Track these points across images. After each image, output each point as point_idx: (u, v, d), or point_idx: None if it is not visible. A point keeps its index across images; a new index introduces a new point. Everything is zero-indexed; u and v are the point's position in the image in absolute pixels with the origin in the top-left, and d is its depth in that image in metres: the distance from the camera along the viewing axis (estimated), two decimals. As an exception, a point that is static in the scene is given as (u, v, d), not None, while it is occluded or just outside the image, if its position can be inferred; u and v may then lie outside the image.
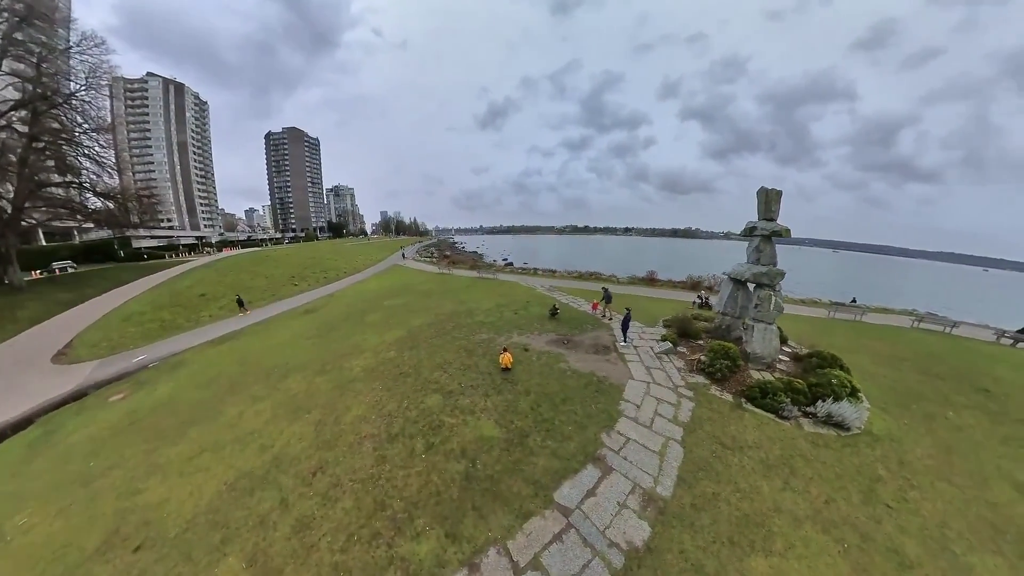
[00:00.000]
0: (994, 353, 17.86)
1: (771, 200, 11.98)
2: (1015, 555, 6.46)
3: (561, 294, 22.53)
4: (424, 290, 24.65)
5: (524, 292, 23.05)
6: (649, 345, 13.91)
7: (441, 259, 49.12)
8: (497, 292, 23.01)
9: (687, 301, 21.75)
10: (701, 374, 11.88)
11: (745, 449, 8.38)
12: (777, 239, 12.06)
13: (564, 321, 16.40)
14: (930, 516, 7.12)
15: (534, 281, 27.51)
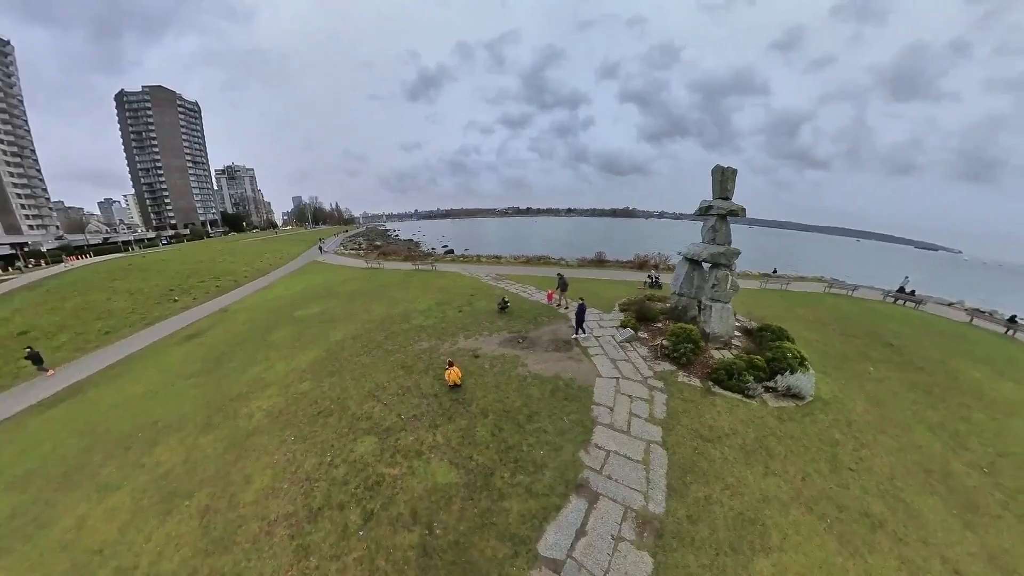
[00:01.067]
0: (886, 311, 21.13)
1: (727, 179, 11.73)
2: (945, 492, 7.61)
3: (509, 283, 21.13)
4: (348, 291, 21.13)
5: (468, 284, 21.15)
6: (610, 334, 13.25)
7: (370, 251, 44.23)
8: (437, 286, 20.76)
9: (637, 281, 21.93)
10: (666, 360, 11.58)
11: (723, 438, 8.27)
12: (733, 219, 11.97)
13: (516, 315, 15.05)
14: (881, 471, 7.96)
15: (478, 270, 25.73)
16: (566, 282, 16.12)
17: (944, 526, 6.77)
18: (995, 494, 7.96)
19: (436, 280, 22.44)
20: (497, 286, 20.27)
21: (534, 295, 18.33)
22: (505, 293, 18.23)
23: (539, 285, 20.21)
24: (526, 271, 25.01)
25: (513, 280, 21.89)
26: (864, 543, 6.22)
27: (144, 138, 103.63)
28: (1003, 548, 6.54)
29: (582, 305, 12.93)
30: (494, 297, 17.32)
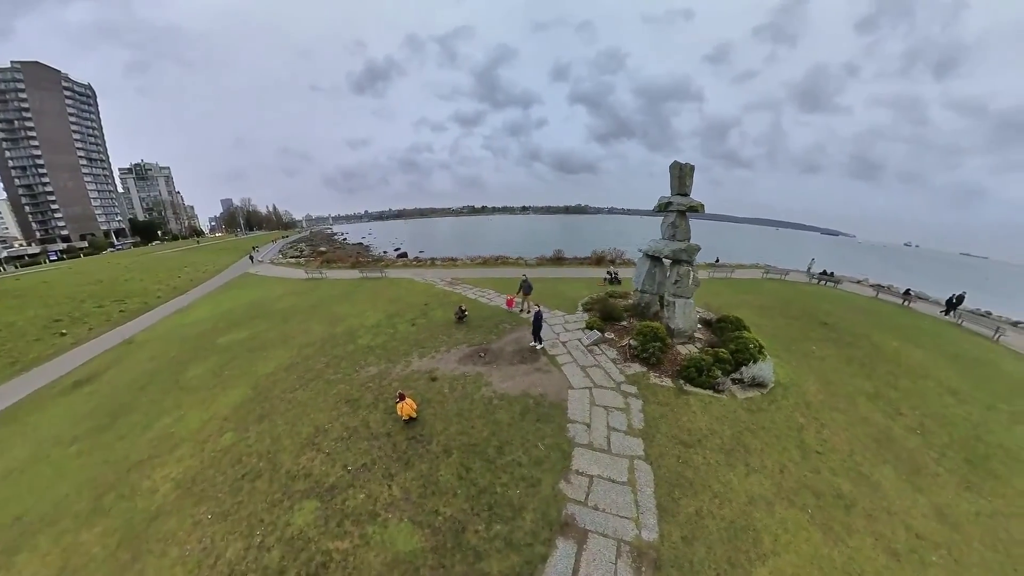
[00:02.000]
0: (813, 292, 23.10)
1: (685, 175, 11.49)
2: (893, 459, 8.32)
3: (467, 288, 19.76)
4: (283, 309, 18.15)
5: (422, 291, 19.37)
6: (577, 337, 12.62)
7: (312, 258, 40.02)
8: (387, 296, 18.73)
9: (597, 277, 21.74)
10: (635, 360, 11.19)
11: (703, 441, 8.08)
12: (692, 214, 11.81)
13: (476, 325, 13.82)
14: (842, 448, 8.39)
15: (433, 274, 24.00)
16: (530, 285, 15.06)
17: (900, 493, 7.32)
18: (930, 453, 8.91)
19: (387, 289, 20.33)
20: (454, 292, 18.82)
21: (494, 300, 17.22)
22: (463, 300, 16.95)
23: (498, 288, 19.17)
24: (484, 273, 23.73)
25: (470, 284, 20.55)
26: (843, 527, 6.40)
27: (17, 128, 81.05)
28: (946, 503, 7.26)
29: (538, 313, 11.90)
30: (451, 305, 15.98)
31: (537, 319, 11.71)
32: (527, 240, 78.36)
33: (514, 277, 21.64)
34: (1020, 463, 8.85)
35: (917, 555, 6.10)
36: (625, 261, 26.19)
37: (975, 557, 6.23)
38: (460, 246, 61.21)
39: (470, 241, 75.59)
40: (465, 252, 36.84)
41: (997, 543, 6.52)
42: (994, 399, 12.38)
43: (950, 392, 12.45)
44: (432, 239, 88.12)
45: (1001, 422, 11.00)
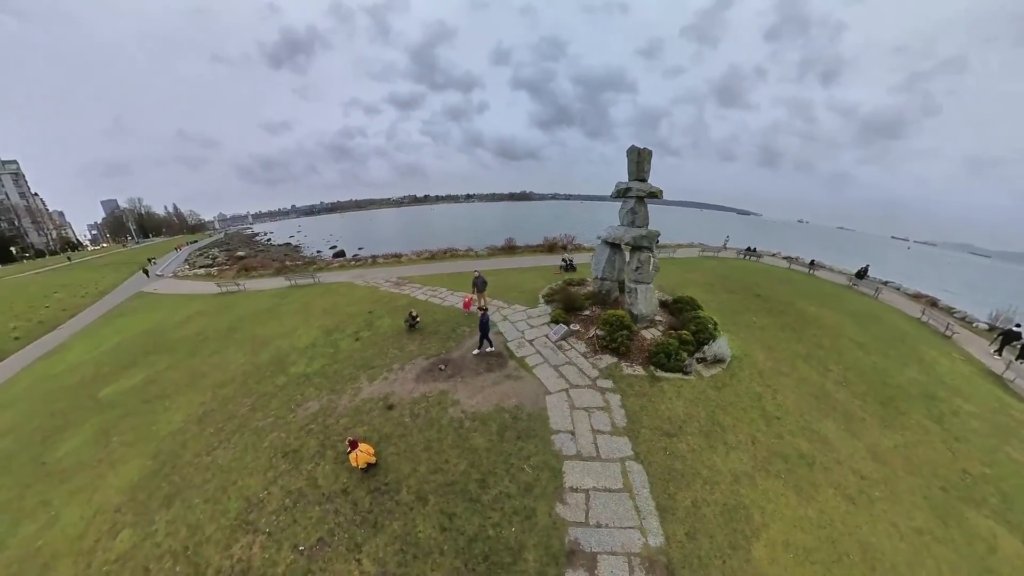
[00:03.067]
0: (743, 266, 25.12)
1: (643, 160, 10.96)
2: (832, 411, 9.36)
3: (416, 288, 17.87)
4: (190, 336, 14.60)
5: (364, 297, 17.01)
6: (543, 333, 11.91)
7: (228, 267, 34.19)
8: (323, 307, 16.09)
9: (552, 265, 21.18)
10: (605, 351, 10.83)
11: (684, 427, 8.13)
12: (651, 199, 11.42)
13: (430, 332, 12.26)
14: (794, 410, 9.11)
15: (376, 275, 21.53)
16: (484, 281, 13.82)
17: (842, 442, 8.24)
18: (855, 401, 10.09)
19: (322, 298, 17.62)
20: (401, 294, 16.87)
21: (447, 299, 15.75)
22: (412, 303, 15.26)
23: (451, 285, 17.69)
24: (432, 269, 21.79)
25: (419, 283, 18.69)
26: (810, 485, 6.97)
27: None
28: (875, 443, 8.41)
29: (485, 315, 10.64)
30: (399, 311, 14.26)
31: (484, 322, 10.50)
32: (475, 229, 75.71)
33: (467, 272, 20.24)
34: (913, 399, 10.73)
35: (865, 495, 6.94)
36: (577, 247, 26.08)
37: (903, 485, 7.33)
38: (404, 240, 56.88)
39: (415, 234, 70.39)
40: (410, 247, 34.10)
41: (913, 468, 7.85)
42: (886, 347, 14.41)
43: (858, 346, 14.17)
44: (372, 234, 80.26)
45: (895, 366, 12.92)
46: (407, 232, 79.42)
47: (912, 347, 15.14)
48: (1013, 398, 12.69)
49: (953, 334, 17.13)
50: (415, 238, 59.01)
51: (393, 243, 53.28)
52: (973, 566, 5.91)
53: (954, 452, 8.68)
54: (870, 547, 5.93)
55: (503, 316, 13.30)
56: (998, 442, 9.69)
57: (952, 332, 17.21)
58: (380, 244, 53.55)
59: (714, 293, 17.26)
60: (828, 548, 5.81)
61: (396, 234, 76.41)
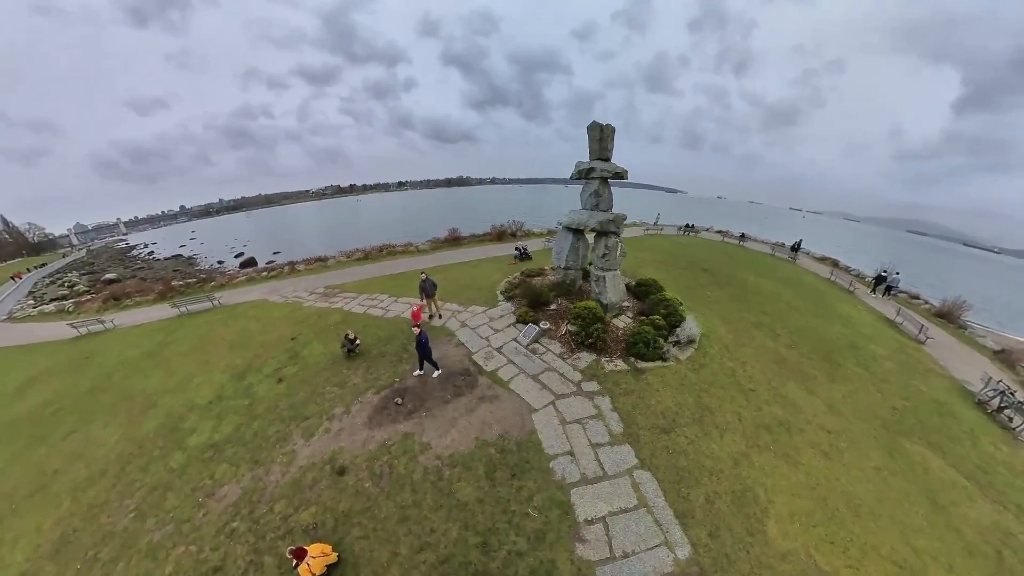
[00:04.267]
0: (686, 242, 26.30)
1: (606, 137, 9.70)
2: (791, 374, 10.02)
3: (350, 298, 14.76)
4: (33, 413, 9.82)
5: (284, 318, 13.47)
6: (511, 338, 10.36)
7: (91, 297, 26.05)
8: (228, 339, 12.29)
9: (505, 256, 19.54)
10: (582, 348, 9.78)
11: (677, 419, 7.82)
12: (615, 180, 10.27)
13: (375, 355, 9.81)
14: (762, 379, 9.51)
15: (297, 286, 17.70)
16: (433, 283, 11.57)
17: (807, 402, 8.91)
18: (804, 361, 10.94)
19: (226, 326, 13.51)
20: (332, 308, 13.76)
21: (391, 309, 13.19)
22: (348, 319, 12.52)
23: (393, 290, 15.08)
24: (368, 272, 18.60)
25: (353, 291, 15.66)
26: (793, 450, 7.36)
27: None
28: (828, 397, 9.30)
29: (423, 335, 8.32)
30: (332, 332, 11.53)
31: (421, 343, 8.28)
32: (412, 220, 69.92)
33: (410, 272, 17.71)
34: (844, 351, 12.06)
35: (835, 447, 7.64)
36: (527, 233, 24.78)
37: (857, 430, 8.28)
38: (330, 239, 49.87)
39: (342, 231, 61.68)
40: (338, 247, 29.62)
41: (860, 414, 8.93)
42: (814, 307, 15.97)
43: (793, 309, 15.37)
44: (290, 234, 68.29)
45: (824, 324, 14.36)
46: (333, 229, 68.94)
47: (830, 305, 16.89)
48: (905, 338, 14.87)
49: (855, 289, 19.71)
50: (343, 236, 52.24)
51: (317, 243, 46.71)
52: (918, 487, 7.04)
53: (882, 392, 10.21)
54: (850, 496, 6.55)
55: (461, 322, 11.43)
56: (907, 378, 11.42)
57: (853, 288, 19.82)
58: (300, 246, 46.41)
59: (668, 271, 17.36)
60: (822, 508, 6.23)
61: (319, 232, 65.80)
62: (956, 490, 7.17)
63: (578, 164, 10.48)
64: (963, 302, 17.92)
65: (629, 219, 35.25)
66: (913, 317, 16.04)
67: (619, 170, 9.89)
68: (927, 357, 13.55)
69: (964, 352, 14.67)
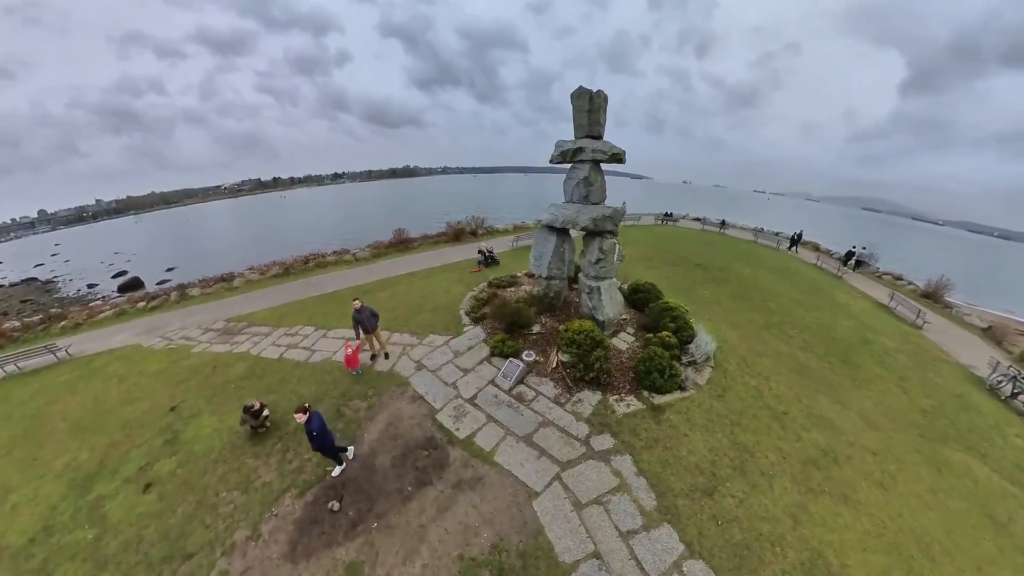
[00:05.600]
0: (667, 232, 26.05)
1: (596, 108, 8.08)
2: (816, 384, 9.96)
3: (259, 335, 11.71)
4: None
5: (161, 376, 10.16)
6: (487, 380, 8.52)
7: None
8: (73, 417, 8.83)
9: (467, 261, 17.51)
10: (581, 384, 8.33)
11: (716, 472, 6.79)
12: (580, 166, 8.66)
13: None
14: (792, 398, 9.19)
15: (188, 320, 13.95)
16: (372, 312, 8.80)
17: (843, 419, 8.72)
18: (824, 366, 10.92)
19: (70, 395, 9.87)
20: (234, 353, 10.69)
21: (317, 348, 10.49)
22: (254, 371, 9.90)
23: (321, 320, 12.44)
24: (288, 293, 15.48)
25: (266, 324, 12.58)
26: (847, 486, 6.94)
27: None
28: (859, 407, 9.21)
29: (314, 421, 5.68)
30: (232, 395, 8.88)
31: (315, 433, 5.63)
32: (350, 220, 63.75)
33: (344, 290, 15.14)
34: (858, 348, 12.18)
35: (886, 473, 7.34)
36: (490, 230, 22.82)
37: (898, 445, 8.18)
38: (243, 248, 43.98)
39: (260, 237, 54.84)
40: (252, 259, 25.68)
41: (894, 423, 8.90)
42: (813, 299, 16.07)
43: (795, 303, 15.26)
44: (193, 243, 59.16)
45: (829, 318, 14.45)
46: (249, 235, 61.06)
47: (827, 294, 17.06)
48: (904, 324, 15.30)
49: (843, 274, 20.37)
50: (261, 243, 46.41)
51: (226, 254, 41.05)
52: (974, 506, 6.90)
53: (907, 393, 10.24)
54: (918, 534, 6.25)
55: (416, 362, 9.38)
56: (922, 371, 11.65)
57: (842, 273, 20.49)
58: (205, 258, 40.45)
59: (658, 268, 16.51)
60: (898, 559, 5.84)
61: (231, 240, 57.92)
62: (1008, 500, 7.13)
63: (560, 144, 8.85)
64: (947, 281, 18.91)
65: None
66: (908, 302, 16.61)
67: (616, 151, 8.36)
68: (930, 344, 13.96)
69: (959, 335, 15.36)
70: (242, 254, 37.82)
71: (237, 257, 33.67)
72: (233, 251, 43.85)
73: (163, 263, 43.30)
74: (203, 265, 33.08)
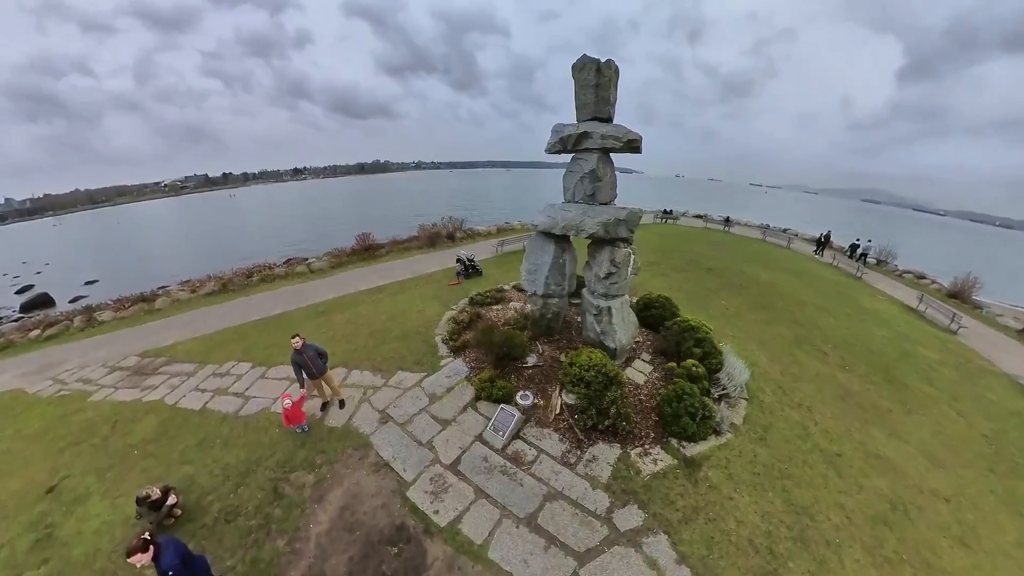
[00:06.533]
0: (669, 231, 25.53)
1: (606, 81, 6.92)
2: (863, 412, 9.28)
3: (179, 379, 9.89)
4: None
5: (42, 438, 8.18)
6: (473, 436, 7.22)
7: None
8: None
9: (442, 272, 16.11)
10: (592, 434, 7.22)
11: (774, 549, 5.76)
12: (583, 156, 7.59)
13: (214, 524, 5.83)
14: (843, 433, 8.48)
15: (90, 354, 11.76)
16: (318, 352, 7.32)
17: (903, 456, 8.08)
18: (869, 387, 10.32)
19: None
20: (143, 404, 8.83)
21: (251, 394, 8.79)
22: (167, 428, 8.17)
23: (261, 354, 10.54)
24: (219, 319, 13.50)
25: (190, 359, 10.74)
26: (927, 549, 6.20)
27: None
28: (919, 440, 8.63)
29: (168, 549, 3.88)
30: (134, 465, 7.28)
31: (179, 570, 3.88)
32: (310, 221, 60.46)
33: (292, 312, 13.53)
34: (900, 362, 11.79)
35: (965, 526, 6.65)
36: (470, 233, 21.44)
37: (969, 486, 7.58)
38: (177, 259, 40.58)
39: (202, 243, 51.40)
40: (186, 271, 23.37)
41: (959, 457, 8.35)
42: (840, 306, 15.59)
43: (822, 310, 14.71)
44: (121, 252, 54.71)
45: (861, 328, 14.03)
46: (188, 241, 56.64)
47: (852, 299, 16.62)
48: (939, 330, 14.97)
49: (862, 275, 20.02)
50: (201, 251, 43.33)
51: (158, 265, 37.96)
52: None
53: (964, 416, 9.78)
54: None
55: (380, 411, 8.00)
56: (971, 386, 11.28)
57: (861, 273, 20.14)
58: (134, 269, 37.31)
59: (666, 275, 15.63)
60: None
61: (166, 247, 53.46)
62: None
63: (558, 129, 7.68)
64: (974, 279, 18.79)
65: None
66: (939, 304, 16.31)
67: (632, 136, 7.18)
68: (971, 353, 13.67)
69: (995, 338, 15.17)
70: (178, 263, 34.96)
71: (173, 267, 30.93)
72: (169, 260, 40.65)
73: (83, 275, 39.64)
74: (136, 277, 30.12)
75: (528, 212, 41.70)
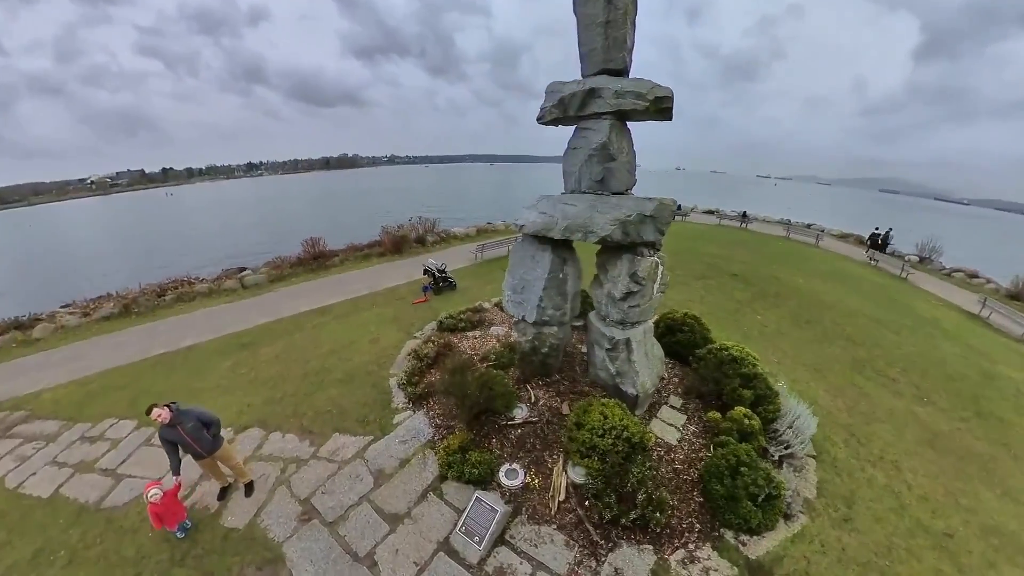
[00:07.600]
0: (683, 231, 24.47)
1: (620, 16, 5.24)
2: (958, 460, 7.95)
3: (32, 447, 7.87)
4: None
5: None
6: (438, 539, 5.42)
7: None
8: None
9: (406, 287, 14.25)
10: (612, 532, 5.50)
11: None
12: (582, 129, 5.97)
13: None
14: (943, 498, 7.07)
15: None
16: (206, 419, 5.49)
17: (994, 507, 6.85)
18: (959, 426, 8.94)
19: None
20: None
21: (126, 474, 6.32)
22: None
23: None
24: (110, 353, 11.33)
25: (54, 413, 8.54)
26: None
27: None
28: (1008, 484, 7.38)
29: None
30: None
31: None
32: (256, 225, 57.98)
33: (204, 344, 11.49)
34: (983, 387, 10.51)
35: None
36: (443, 236, 19.58)
37: None
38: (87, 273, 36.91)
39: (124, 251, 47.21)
40: (102, 285, 20.64)
41: None
42: (893, 316, 14.48)
43: (877, 322, 13.51)
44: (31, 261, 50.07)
45: (926, 344, 12.96)
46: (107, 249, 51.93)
47: (905, 305, 15.52)
48: (1013, 340, 13.82)
49: (907, 275, 18.97)
50: (121, 260, 40.03)
51: (65, 280, 34.59)
52: None
53: None
54: None
55: (303, 501, 6.16)
56: None
57: (906, 273, 19.08)
58: (35, 286, 34.03)
59: (686, 284, 14.19)
60: None
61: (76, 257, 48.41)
62: None
63: (555, 88, 6.04)
64: (1037, 279, 17.88)
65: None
66: (1005, 309, 15.31)
67: (661, 92, 5.40)
68: None
69: (1081, 352, 14.00)
70: (91, 279, 31.96)
71: (80, 283, 28.03)
72: (75, 275, 37.23)
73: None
74: (26, 295, 27.24)
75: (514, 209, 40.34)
